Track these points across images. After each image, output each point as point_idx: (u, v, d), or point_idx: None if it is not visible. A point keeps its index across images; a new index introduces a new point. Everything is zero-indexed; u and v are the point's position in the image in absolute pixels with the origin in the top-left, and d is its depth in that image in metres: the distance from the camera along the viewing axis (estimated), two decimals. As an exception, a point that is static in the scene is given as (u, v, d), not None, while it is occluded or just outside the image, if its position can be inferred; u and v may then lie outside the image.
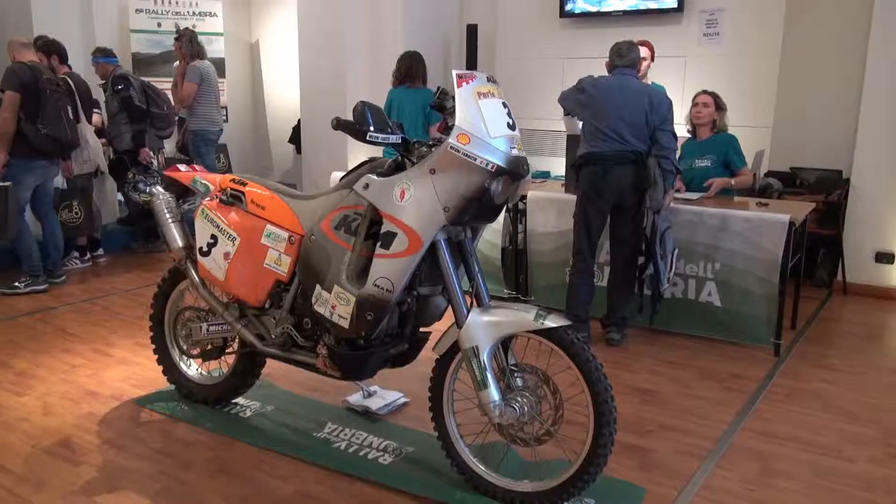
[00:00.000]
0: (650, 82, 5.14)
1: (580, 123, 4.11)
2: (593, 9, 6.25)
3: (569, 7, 6.36)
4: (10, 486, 2.62)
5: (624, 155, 3.85)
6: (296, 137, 7.91)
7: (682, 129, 5.21)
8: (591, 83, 3.96)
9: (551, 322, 2.33)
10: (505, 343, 2.47)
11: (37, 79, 4.80)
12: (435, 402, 2.62)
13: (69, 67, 5.64)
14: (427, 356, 2.83)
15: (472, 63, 6.61)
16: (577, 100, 4.00)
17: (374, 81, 6.53)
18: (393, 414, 3.20)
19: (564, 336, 2.34)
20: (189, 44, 6.20)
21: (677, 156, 4.09)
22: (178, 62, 6.42)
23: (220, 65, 7.57)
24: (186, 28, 6.45)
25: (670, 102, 4.00)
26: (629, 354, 3.99)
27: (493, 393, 2.37)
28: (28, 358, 3.83)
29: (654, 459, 2.86)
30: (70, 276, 5.38)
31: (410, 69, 5.23)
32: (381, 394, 3.30)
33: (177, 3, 7.78)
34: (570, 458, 2.44)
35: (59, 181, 5.43)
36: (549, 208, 4.56)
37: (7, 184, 4.74)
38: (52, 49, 5.44)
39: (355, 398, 3.26)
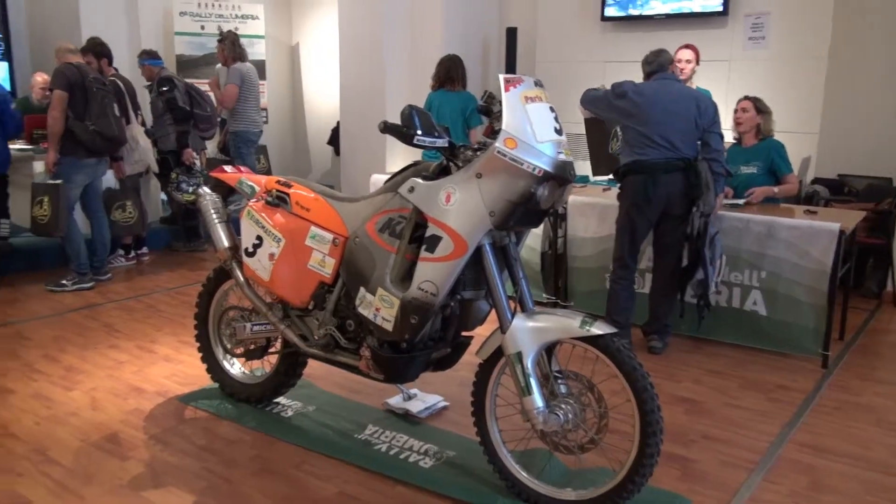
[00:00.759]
0: (694, 87, 5.08)
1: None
2: (635, 12, 6.19)
3: (610, 10, 6.31)
4: (61, 479, 2.68)
5: (673, 162, 3.79)
6: (334, 139, 7.99)
7: (728, 136, 5.14)
8: (633, 89, 3.88)
9: (597, 329, 2.31)
10: (549, 349, 2.45)
11: (83, 78, 4.91)
12: (477, 406, 2.61)
13: (116, 69, 5.76)
14: (466, 360, 2.83)
15: (511, 66, 6.59)
16: (615, 106, 3.91)
17: (413, 84, 6.55)
18: (433, 417, 3.20)
19: (610, 343, 2.32)
20: (231, 46, 6.29)
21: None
22: (215, 72, 6.53)
23: (261, 67, 7.68)
24: (229, 31, 6.55)
25: (716, 104, 3.94)
26: (671, 363, 3.93)
27: (537, 399, 2.36)
28: (76, 353, 3.92)
29: (698, 470, 2.81)
30: (115, 274, 5.49)
31: (450, 72, 5.24)
32: (421, 397, 3.30)
33: (220, 5, 7.91)
34: (614, 467, 2.41)
35: (111, 181, 5.56)
36: (590, 213, 4.52)
37: (58, 182, 4.86)
38: (100, 51, 5.56)
39: (395, 400, 3.27)
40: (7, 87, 6.49)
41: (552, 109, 2.41)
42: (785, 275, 3.93)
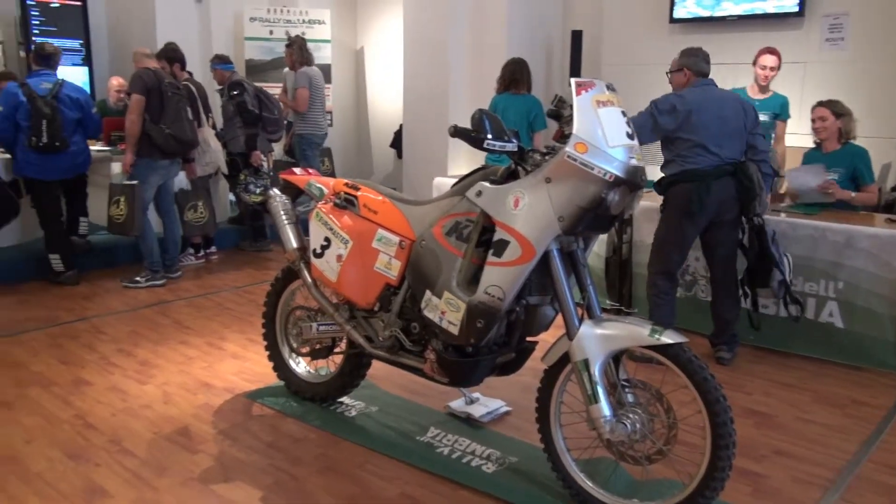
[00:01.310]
0: (771, 92, 4.94)
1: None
2: (706, 13, 6.05)
3: (679, 12, 6.18)
4: (135, 469, 2.77)
5: (723, 168, 3.70)
6: (397, 142, 8.05)
7: (803, 140, 4.98)
8: (679, 102, 3.72)
9: (667, 338, 2.26)
10: (616, 357, 2.41)
11: (159, 82, 5.09)
12: (542, 413, 2.59)
13: (190, 74, 5.95)
14: (528, 366, 2.81)
15: (575, 70, 6.52)
16: (660, 125, 3.72)
17: (477, 87, 6.55)
18: (495, 422, 3.19)
19: (681, 353, 2.27)
20: (299, 51, 6.43)
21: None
22: (283, 76, 6.68)
23: (326, 71, 7.81)
24: (297, 36, 6.69)
25: (754, 106, 3.92)
26: (740, 374, 3.82)
27: (604, 408, 2.32)
28: (149, 348, 4.05)
29: (769, 486, 2.72)
30: (185, 272, 5.66)
31: (515, 75, 5.22)
32: (484, 401, 3.29)
33: (288, 11, 8.08)
34: (683, 479, 2.35)
35: (183, 182, 5.74)
36: (656, 218, 4.42)
37: (134, 183, 5.05)
38: (174, 56, 5.75)
39: (457, 404, 3.27)
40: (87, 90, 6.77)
41: (624, 114, 2.37)
42: (864, 286, 3.77)
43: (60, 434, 3.05)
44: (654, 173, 4.01)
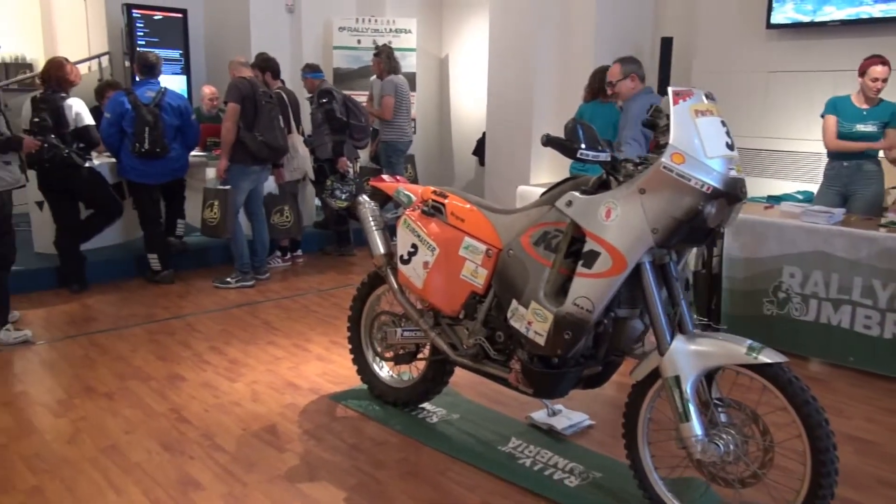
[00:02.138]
0: (880, 100, 4.69)
1: None
2: (806, 18, 5.80)
3: (777, 17, 5.94)
4: (226, 464, 2.87)
5: None
6: (479, 149, 8.07)
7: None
8: None
9: (766, 357, 2.17)
10: (709, 375, 2.33)
11: (254, 91, 5.28)
12: (629, 429, 2.53)
13: (282, 82, 6.15)
14: (612, 379, 2.76)
15: (664, 77, 6.37)
16: None
17: (562, 95, 6.50)
18: (577, 435, 3.14)
19: (781, 373, 2.17)
20: (387, 60, 6.54)
21: None
22: (369, 84, 6.81)
23: (411, 79, 7.91)
24: (385, 45, 6.80)
25: None
26: (840, 398, 3.62)
27: (696, 427, 2.25)
28: (239, 347, 4.20)
29: (873, 518, 2.57)
30: (272, 274, 5.84)
31: (603, 83, 5.13)
32: (566, 413, 3.25)
33: (376, 20, 8.24)
34: (779, 506, 2.25)
35: (272, 186, 5.93)
36: (746, 232, 4.27)
37: (227, 188, 5.25)
38: (266, 66, 5.95)
39: (539, 415, 3.24)
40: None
41: (724, 123, 2.30)
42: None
43: (157, 426, 3.19)
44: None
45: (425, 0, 8.82)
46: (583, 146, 2.32)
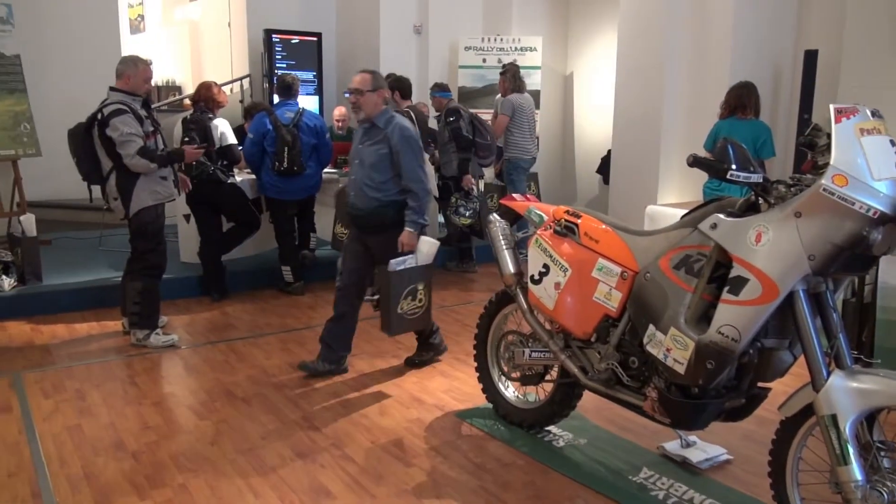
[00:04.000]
0: None
1: None
2: (973, 27, 5.30)
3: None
4: (355, 475, 2.94)
5: None
6: (604, 167, 7.92)
7: None
8: None
9: (941, 399, 1.97)
10: (871, 416, 2.14)
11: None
12: (776, 468, 2.36)
13: (411, 101, 6.30)
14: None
15: (807, 92, 6.00)
16: None
17: (693, 111, 6.27)
18: (713, 469, 2.97)
19: (959, 418, 1.96)
20: (512, 78, 6.56)
21: None
22: (494, 102, 6.86)
23: (536, 97, 7.89)
24: (511, 63, 6.82)
25: None
26: None
27: (856, 472, 2.07)
28: (366, 360, 4.30)
29: None
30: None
31: (742, 99, 4.91)
32: (702, 446, 3.09)
33: (501, 39, 8.30)
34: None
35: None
36: (908, 259, 3.92)
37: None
38: (395, 85, 6.10)
39: (672, 446, 3.10)
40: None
41: (893, 143, 2.13)
42: None
43: (290, 433, 3.31)
44: None
45: (551, 17, 8.79)
46: (734, 167, 2.21)
